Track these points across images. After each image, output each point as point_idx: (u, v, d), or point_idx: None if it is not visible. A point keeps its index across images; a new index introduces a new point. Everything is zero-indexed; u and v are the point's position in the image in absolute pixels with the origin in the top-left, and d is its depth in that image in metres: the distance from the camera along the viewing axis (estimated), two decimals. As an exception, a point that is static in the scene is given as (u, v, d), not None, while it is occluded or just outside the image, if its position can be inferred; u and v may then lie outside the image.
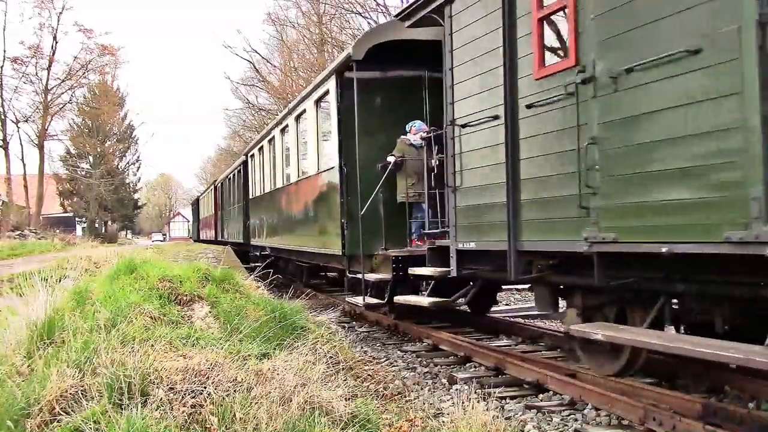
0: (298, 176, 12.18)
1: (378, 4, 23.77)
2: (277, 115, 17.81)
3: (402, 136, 8.68)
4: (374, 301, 8.55)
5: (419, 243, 8.31)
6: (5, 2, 42.23)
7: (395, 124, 8.87)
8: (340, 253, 9.11)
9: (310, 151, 11.05)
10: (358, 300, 8.71)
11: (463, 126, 6.25)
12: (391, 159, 8.51)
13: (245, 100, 36.99)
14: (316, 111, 10.59)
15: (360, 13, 24.56)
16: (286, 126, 13.15)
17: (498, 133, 5.70)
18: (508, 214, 5.52)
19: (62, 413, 3.61)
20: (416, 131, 8.61)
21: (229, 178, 24.78)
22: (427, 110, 9.08)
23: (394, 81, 9.26)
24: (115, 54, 40.03)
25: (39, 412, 3.66)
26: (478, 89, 6.06)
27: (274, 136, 14.70)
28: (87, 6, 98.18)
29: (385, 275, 8.21)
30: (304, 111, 11.43)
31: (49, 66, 37.15)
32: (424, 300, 7.26)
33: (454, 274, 6.49)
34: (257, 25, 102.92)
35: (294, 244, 12.71)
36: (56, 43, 36.77)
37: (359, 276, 8.67)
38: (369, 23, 23.65)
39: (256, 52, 33.02)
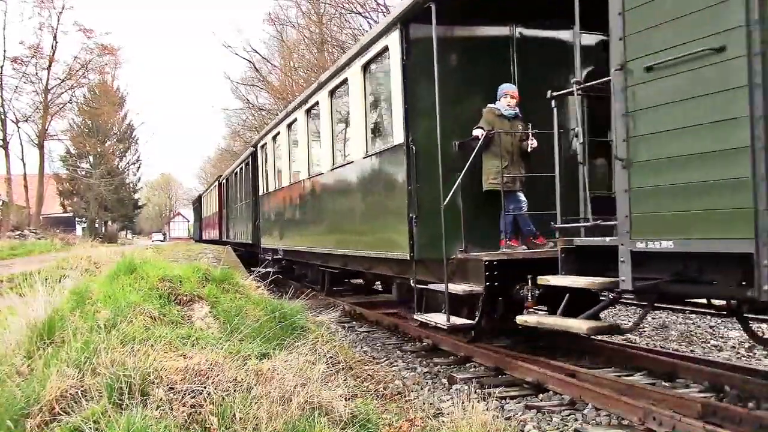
0: (333, 164, 9.78)
1: (378, 4, 23.79)
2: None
3: (489, 105, 6.82)
4: (461, 321, 6.49)
5: (512, 243, 6.69)
6: (5, 2, 42.28)
7: (474, 92, 7.01)
8: (407, 257, 6.97)
9: (355, 130, 8.73)
10: (438, 319, 6.55)
11: (648, 69, 4.32)
12: (478, 132, 6.64)
13: (245, 100, 37.07)
14: (364, 79, 8.36)
15: (360, 13, 24.58)
16: (315, 104, 10.73)
17: (724, 74, 3.85)
18: (755, 197, 3.70)
19: (62, 413, 3.61)
20: (501, 93, 6.79)
21: (236, 173, 22.24)
22: (515, 76, 7.15)
23: (473, 38, 7.23)
24: (114, 54, 40.19)
25: (39, 412, 3.66)
26: (679, 11, 4.14)
27: (295, 119, 12.14)
28: (87, 6, 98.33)
29: (473, 286, 6.33)
30: (345, 81, 9.06)
31: (49, 66, 37.27)
32: (580, 324, 5.03)
33: (627, 286, 4.55)
34: (257, 25, 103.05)
35: (322, 246, 10.62)
36: (56, 43, 36.93)
37: (436, 287, 6.72)
38: (369, 23, 23.68)
39: (256, 52, 33.10)
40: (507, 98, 6.74)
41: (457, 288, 6.40)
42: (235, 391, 3.81)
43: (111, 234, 52.26)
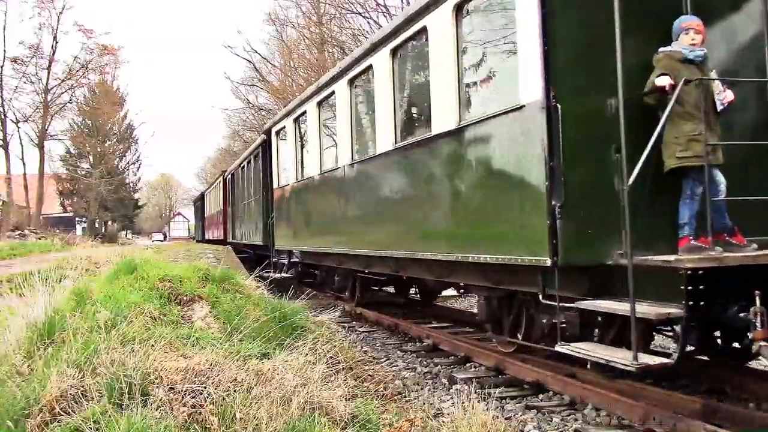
0: (396, 143, 7.53)
1: (378, 5, 23.79)
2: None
3: (662, 49, 4.84)
4: (657, 360, 4.37)
5: (700, 242, 4.58)
6: (5, 2, 42.27)
7: (634, 33, 4.83)
8: (546, 262, 4.84)
9: (439, 96, 6.53)
10: (613, 356, 4.42)
11: None
12: (664, 81, 4.64)
13: (245, 100, 37.06)
14: (456, 24, 6.23)
15: (360, 13, 24.57)
16: (364, 72, 8.51)
17: None
18: None
19: (62, 413, 3.61)
20: (681, 28, 4.82)
21: (243, 167, 19.75)
22: (688, 11, 5.01)
23: None
24: (115, 54, 40.23)
25: (39, 412, 3.66)
26: None
27: (332, 93, 9.76)
28: (87, 6, 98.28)
29: (666, 306, 4.34)
30: (421, 32, 6.89)
31: (49, 66, 37.34)
32: None
33: None
34: (257, 25, 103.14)
35: (365, 247, 8.61)
36: (56, 43, 37.01)
37: (603, 307, 4.67)
38: (369, 23, 23.69)
39: (256, 52, 33.08)
40: (690, 34, 4.79)
41: (647, 310, 4.32)
42: (235, 391, 3.81)
43: (111, 234, 52.28)
